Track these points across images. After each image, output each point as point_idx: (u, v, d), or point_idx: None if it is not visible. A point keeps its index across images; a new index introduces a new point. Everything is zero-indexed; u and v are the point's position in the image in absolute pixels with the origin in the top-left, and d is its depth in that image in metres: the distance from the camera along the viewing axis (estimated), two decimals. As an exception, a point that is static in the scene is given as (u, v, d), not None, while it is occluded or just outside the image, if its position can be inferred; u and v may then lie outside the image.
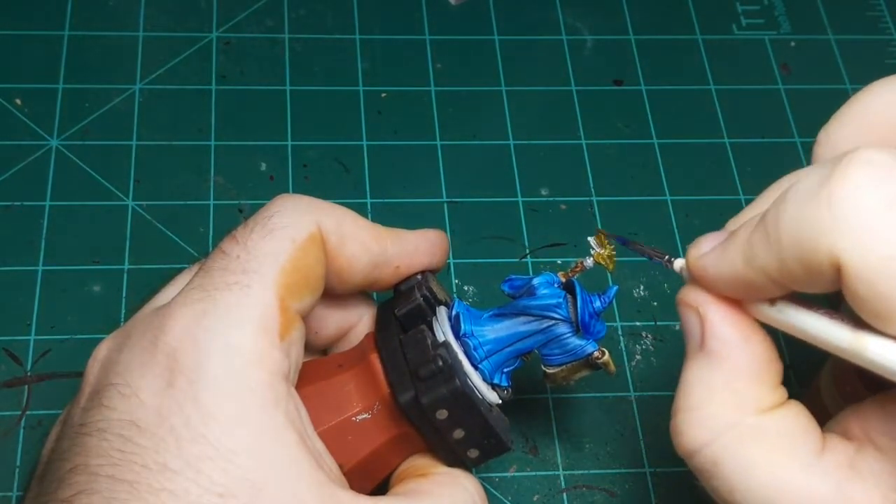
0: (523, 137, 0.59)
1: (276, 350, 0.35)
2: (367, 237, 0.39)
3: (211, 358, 0.33)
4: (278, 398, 0.34)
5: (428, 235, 0.41)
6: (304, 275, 0.36)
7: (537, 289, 0.40)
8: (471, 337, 0.39)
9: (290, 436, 0.34)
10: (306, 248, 0.37)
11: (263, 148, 0.58)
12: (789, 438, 0.33)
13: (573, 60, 0.63)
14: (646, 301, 0.54)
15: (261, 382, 0.34)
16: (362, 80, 0.61)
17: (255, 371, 0.34)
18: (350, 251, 0.38)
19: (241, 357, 0.34)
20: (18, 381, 0.49)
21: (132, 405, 0.33)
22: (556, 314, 0.40)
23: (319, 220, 0.38)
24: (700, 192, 0.58)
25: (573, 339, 0.40)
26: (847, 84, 0.63)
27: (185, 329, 0.34)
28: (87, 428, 0.34)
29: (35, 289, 0.52)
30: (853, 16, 0.66)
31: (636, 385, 0.52)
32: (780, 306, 0.33)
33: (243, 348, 0.34)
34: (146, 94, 0.59)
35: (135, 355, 0.35)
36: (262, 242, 0.36)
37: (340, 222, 0.38)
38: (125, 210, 0.55)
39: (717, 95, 0.62)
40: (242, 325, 0.34)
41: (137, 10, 0.62)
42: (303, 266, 0.36)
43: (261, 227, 0.37)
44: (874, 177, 0.29)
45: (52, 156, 0.56)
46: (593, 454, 0.50)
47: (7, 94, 0.58)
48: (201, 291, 0.35)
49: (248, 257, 0.36)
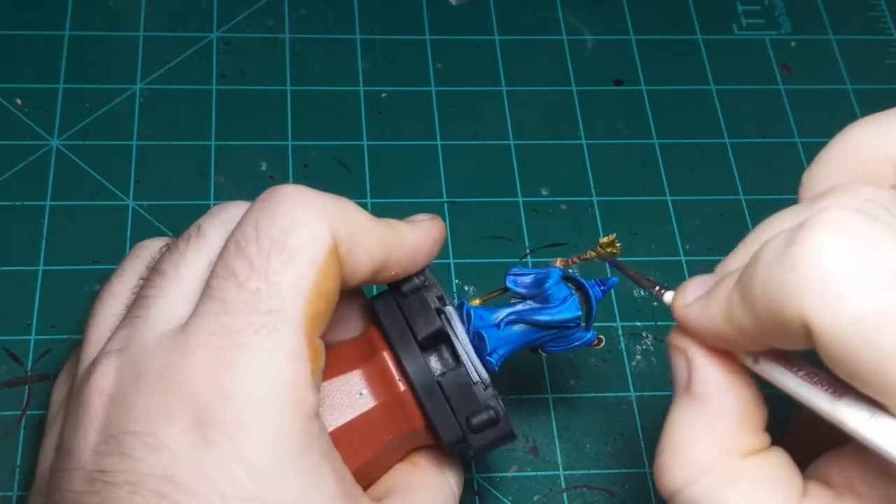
0: (524, 137, 0.59)
1: (308, 390, 0.34)
2: (374, 245, 0.37)
3: (249, 411, 0.32)
4: (313, 439, 0.33)
5: (430, 232, 0.39)
6: (327, 299, 0.35)
7: (551, 296, 0.40)
8: (492, 354, 0.39)
9: (328, 476, 0.33)
10: (327, 270, 0.35)
11: (264, 148, 0.58)
12: (770, 484, 0.33)
13: (573, 60, 0.63)
14: (646, 301, 0.54)
15: (299, 428, 0.33)
16: (363, 79, 0.61)
17: (292, 418, 0.33)
18: (355, 261, 0.36)
19: (278, 406, 0.33)
20: (19, 381, 0.49)
21: (164, 459, 0.32)
22: (575, 323, 0.40)
23: (334, 228, 0.35)
24: (700, 193, 0.58)
25: (577, 332, 0.41)
26: (847, 84, 0.63)
27: (214, 379, 0.33)
28: (110, 477, 0.32)
29: (35, 289, 0.52)
30: (854, 16, 0.66)
31: (636, 385, 0.52)
32: (763, 364, 0.34)
33: (280, 397, 0.33)
34: (147, 94, 0.59)
35: (153, 401, 0.33)
36: (283, 270, 0.34)
37: (351, 228, 0.36)
38: (125, 210, 0.55)
39: (717, 95, 0.62)
40: (276, 373, 0.33)
41: (138, 10, 0.62)
42: (325, 290, 0.35)
43: (279, 251, 0.34)
44: (837, 238, 0.29)
45: (52, 156, 0.56)
46: (593, 454, 0.50)
47: (7, 94, 0.58)
48: (224, 336, 0.33)
49: (271, 291, 0.34)
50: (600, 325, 0.53)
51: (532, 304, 0.40)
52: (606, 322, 0.53)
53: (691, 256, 0.56)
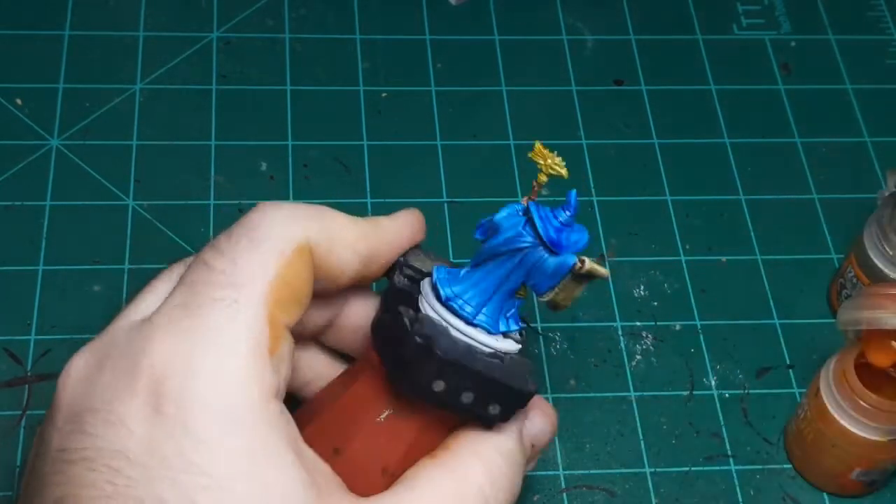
0: (523, 137, 0.59)
1: (266, 369, 0.34)
2: (354, 239, 0.38)
3: (199, 381, 0.32)
4: (271, 418, 0.33)
5: (408, 219, 0.40)
6: (293, 288, 0.35)
7: (500, 224, 0.38)
8: (454, 299, 0.38)
9: (285, 457, 0.33)
10: (294, 261, 0.36)
11: (264, 148, 0.58)
12: None
13: (573, 60, 0.63)
14: (646, 301, 0.54)
15: (252, 404, 0.33)
16: (363, 79, 0.61)
17: (246, 392, 0.33)
18: (338, 257, 0.37)
19: (231, 379, 0.33)
20: (19, 381, 0.49)
21: (120, 434, 0.32)
22: (523, 243, 0.38)
23: (306, 227, 0.36)
24: (700, 192, 0.58)
25: (551, 260, 0.38)
26: (847, 84, 0.63)
27: (170, 351, 0.33)
28: (69, 454, 0.33)
29: (35, 289, 0.52)
30: (853, 16, 0.66)
31: (636, 385, 0.52)
32: None
33: (233, 369, 0.33)
34: (146, 94, 0.59)
35: (117, 378, 0.33)
36: (249, 255, 0.35)
37: (327, 228, 0.37)
38: (125, 210, 0.55)
39: (717, 95, 0.62)
40: (231, 345, 0.33)
41: (138, 10, 0.62)
42: (291, 279, 0.35)
43: (247, 240, 0.35)
44: None
45: (52, 156, 0.56)
46: (593, 454, 0.50)
47: (7, 93, 0.58)
48: (184, 309, 0.34)
49: (235, 271, 0.34)
50: (601, 326, 0.53)
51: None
52: (607, 322, 0.53)
53: (691, 256, 0.56)
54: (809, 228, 0.58)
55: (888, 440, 0.46)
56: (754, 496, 0.49)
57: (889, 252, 0.50)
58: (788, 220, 0.58)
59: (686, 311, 0.54)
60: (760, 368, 0.53)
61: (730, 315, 0.54)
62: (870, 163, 0.60)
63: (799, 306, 0.55)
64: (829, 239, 0.57)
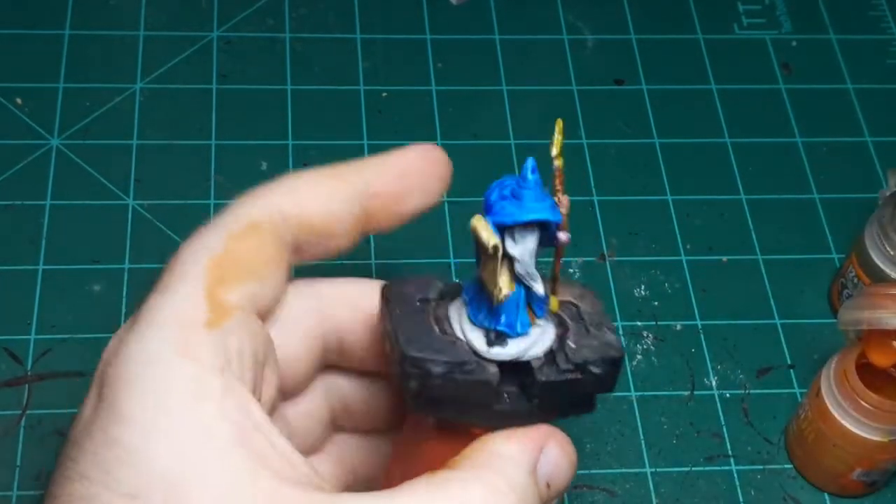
0: (524, 137, 0.59)
1: (203, 343, 0.32)
2: (327, 194, 0.36)
3: (128, 362, 0.32)
4: (206, 392, 0.31)
5: (415, 158, 0.39)
6: (240, 261, 0.34)
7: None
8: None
9: (221, 431, 0.31)
10: (243, 236, 0.35)
11: (264, 147, 0.58)
12: None
13: (574, 60, 0.63)
14: (646, 301, 0.54)
15: (182, 378, 0.31)
16: (363, 79, 0.61)
17: (174, 368, 0.32)
18: (319, 218, 0.36)
19: (157, 355, 0.32)
20: (18, 381, 0.49)
21: (77, 423, 0.32)
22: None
23: (272, 202, 0.36)
24: (701, 192, 0.58)
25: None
26: (848, 84, 0.63)
27: (115, 341, 0.33)
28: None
29: (35, 288, 0.52)
30: (854, 15, 0.66)
31: (636, 385, 0.52)
32: None
33: (160, 346, 0.32)
34: (147, 94, 0.59)
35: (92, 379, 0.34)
36: (198, 243, 0.35)
37: (295, 193, 0.36)
38: (125, 210, 0.55)
39: (718, 95, 0.62)
40: (160, 325, 0.32)
41: (138, 10, 0.62)
42: (238, 252, 0.34)
43: (201, 232, 0.35)
44: None
45: (52, 155, 0.56)
46: (593, 454, 0.50)
47: (8, 93, 0.58)
48: (143, 308, 0.33)
49: (182, 259, 0.34)
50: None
51: None
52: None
53: (692, 256, 0.56)
54: (810, 228, 0.57)
55: (889, 440, 0.45)
56: (755, 496, 0.49)
57: (890, 252, 0.50)
58: (789, 219, 0.58)
59: (687, 310, 0.54)
60: (761, 368, 0.53)
61: (731, 315, 0.54)
62: (871, 162, 0.60)
63: (800, 306, 0.55)
64: (830, 239, 0.57)
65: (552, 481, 0.35)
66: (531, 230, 0.33)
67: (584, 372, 0.32)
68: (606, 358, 0.32)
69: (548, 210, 0.33)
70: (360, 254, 0.53)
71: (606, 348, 0.32)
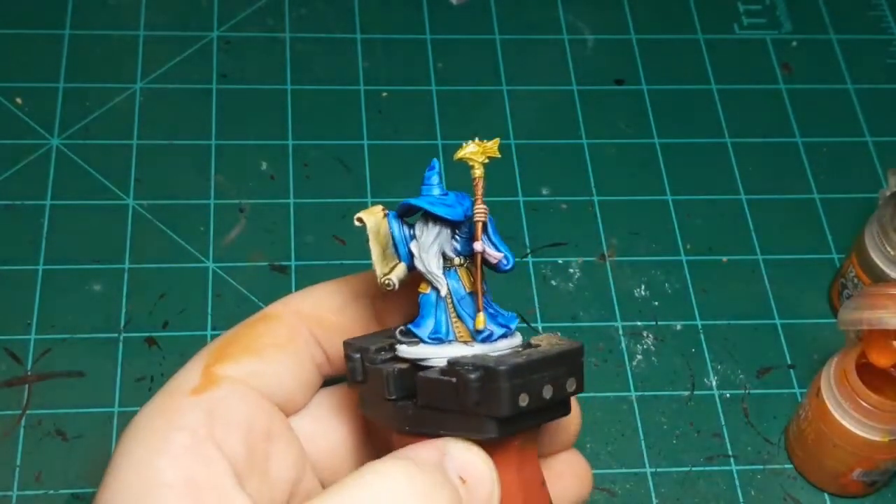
0: (524, 137, 0.59)
1: (181, 406, 0.34)
2: (341, 301, 0.38)
3: (131, 431, 0.34)
4: (166, 447, 0.33)
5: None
6: (242, 342, 0.36)
7: None
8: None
9: (171, 480, 0.33)
10: (254, 323, 0.37)
11: (264, 147, 0.58)
12: None
13: (574, 60, 0.63)
14: (646, 301, 0.54)
15: (151, 434, 0.34)
16: (363, 79, 0.61)
17: (149, 427, 0.34)
18: (336, 316, 0.38)
19: (145, 419, 0.34)
20: (19, 381, 0.49)
21: None
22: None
23: (289, 301, 0.38)
24: (701, 192, 0.58)
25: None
26: (848, 84, 0.63)
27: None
28: None
29: (35, 288, 0.52)
30: (855, 15, 0.66)
31: (637, 385, 0.52)
32: None
33: (150, 409, 0.34)
34: (147, 94, 0.59)
35: None
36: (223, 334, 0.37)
37: (311, 293, 0.38)
38: (125, 209, 0.55)
39: (718, 95, 0.62)
40: (159, 392, 0.35)
41: (138, 10, 0.62)
42: (242, 335, 0.37)
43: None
44: None
45: (52, 155, 0.56)
46: (593, 454, 0.50)
47: (8, 93, 0.58)
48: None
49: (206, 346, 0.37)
50: (602, 326, 0.53)
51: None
52: (607, 322, 0.53)
53: (692, 256, 0.56)
54: (810, 228, 0.57)
55: (889, 440, 0.45)
56: (755, 496, 0.49)
57: (890, 252, 0.50)
58: (789, 219, 0.58)
59: (687, 310, 0.54)
60: (761, 368, 0.53)
61: (731, 315, 0.54)
62: (871, 162, 0.60)
63: (800, 306, 0.55)
64: (830, 238, 0.57)
65: (466, 476, 0.34)
66: (433, 224, 0.35)
67: (458, 376, 0.32)
68: (486, 367, 0.32)
69: (430, 202, 0.35)
70: (361, 254, 0.53)
71: (495, 363, 0.32)
